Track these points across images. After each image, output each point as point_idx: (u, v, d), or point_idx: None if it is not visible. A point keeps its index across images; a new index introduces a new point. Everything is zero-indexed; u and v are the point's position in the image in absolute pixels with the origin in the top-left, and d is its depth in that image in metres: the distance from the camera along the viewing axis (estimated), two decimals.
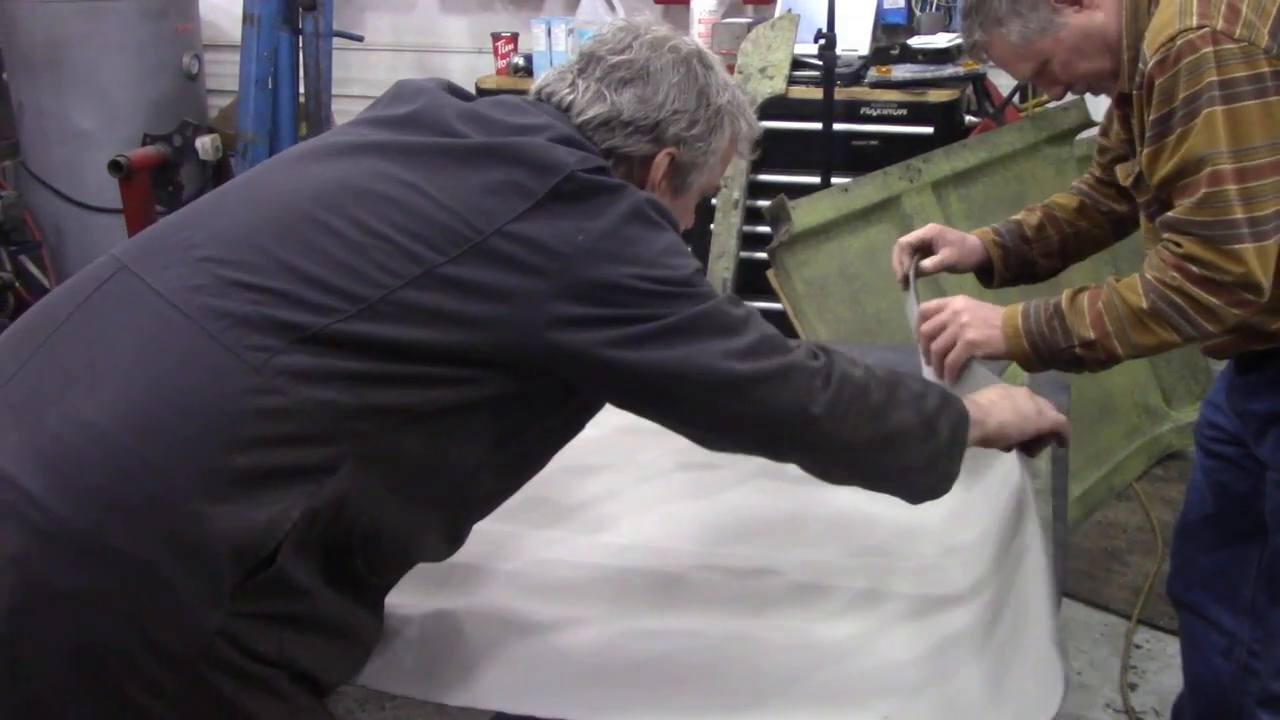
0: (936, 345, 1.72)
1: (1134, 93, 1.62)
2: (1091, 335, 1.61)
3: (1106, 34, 1.64)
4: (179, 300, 1.19)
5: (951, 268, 1.97)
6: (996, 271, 1.98)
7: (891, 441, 1.36)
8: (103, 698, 1.13)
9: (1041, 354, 1.65)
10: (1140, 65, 1.58)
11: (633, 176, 1.42)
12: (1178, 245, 1.55)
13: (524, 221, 1.25)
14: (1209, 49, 1.50)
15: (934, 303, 1.74)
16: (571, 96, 1.40)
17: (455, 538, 1.41)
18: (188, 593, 1.12)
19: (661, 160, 1.42)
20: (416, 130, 1.34)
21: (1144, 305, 1.57)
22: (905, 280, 1.94)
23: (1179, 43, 1.52)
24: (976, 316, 1.70)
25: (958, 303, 1.72)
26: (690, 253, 1.35)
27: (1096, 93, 1.75)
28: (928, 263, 1.96)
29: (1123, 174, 1.78)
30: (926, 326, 1.73)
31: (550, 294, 1.23)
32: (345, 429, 1.18)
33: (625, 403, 1.33)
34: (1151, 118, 1.57)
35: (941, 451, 1.40)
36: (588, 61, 1.43)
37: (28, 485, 1.11)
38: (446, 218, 1.25)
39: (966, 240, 1.97)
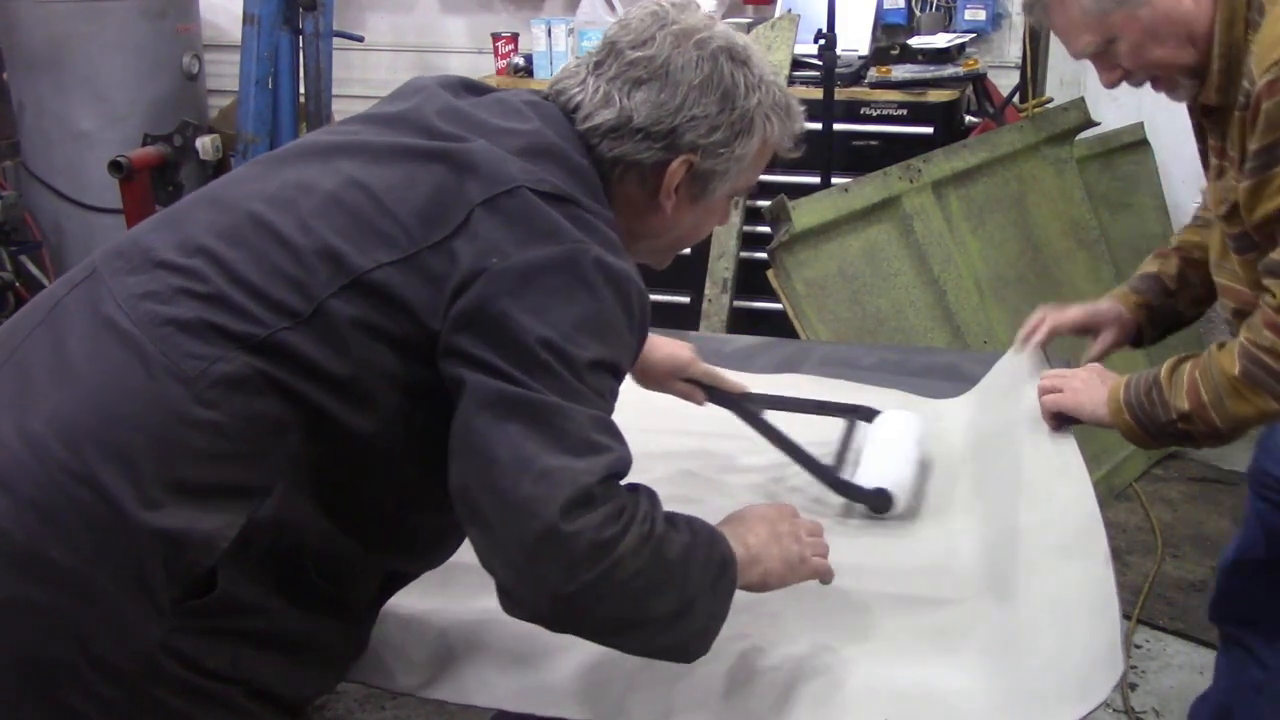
0: (1044, 383, 1.68)
1: (1237, 114, 1.46)
2: (1185, 406, 1.49)
3: (1191, 25, 1.47)
4: (128, 307, 1.16)
5: (1115, 348, 1.84)
6: (1145, 334, 1.85)
7: (635, 629, 1.20)
8: (50, 709, 1.11)
9: (1147, 429, 1.55)
10: (1245, 84, 1.43)
11: (646, 184, 1.32)
12: (1273, 296, 1.41)
13: (457, 236, 1.17)
14: None
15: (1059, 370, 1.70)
16: (580, 97, 1.30)
17: (419, 557, 1.36)
18: (124, 607, 1.10)
19: (677, 168, 1.31)
20: (399, 130, 1.27)
21: (1235, 371, 1.44)
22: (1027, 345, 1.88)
23: None
24: (1091, 381, 1.63)
25: (1083, 369, 1.67)
26: (614, 333, 1.20)
27: (1158, 87, 1.57)
28: (1094, 352, 1.84)
29: (1214, 199, 1.59)
30: (1045, 382, 1.69)
31: (448, 315, 1.15)
32: (278, 448, 1.15)
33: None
34: (1255, 146, 1.42)
35: (693, 633, 1.24)
36: (606, 54, 1.32)
37: None
38: (387, 224, 1.18)
39: (1117, 313, 1.83)
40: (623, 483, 1.17)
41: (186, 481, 1.12)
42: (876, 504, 1.71)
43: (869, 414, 1.92)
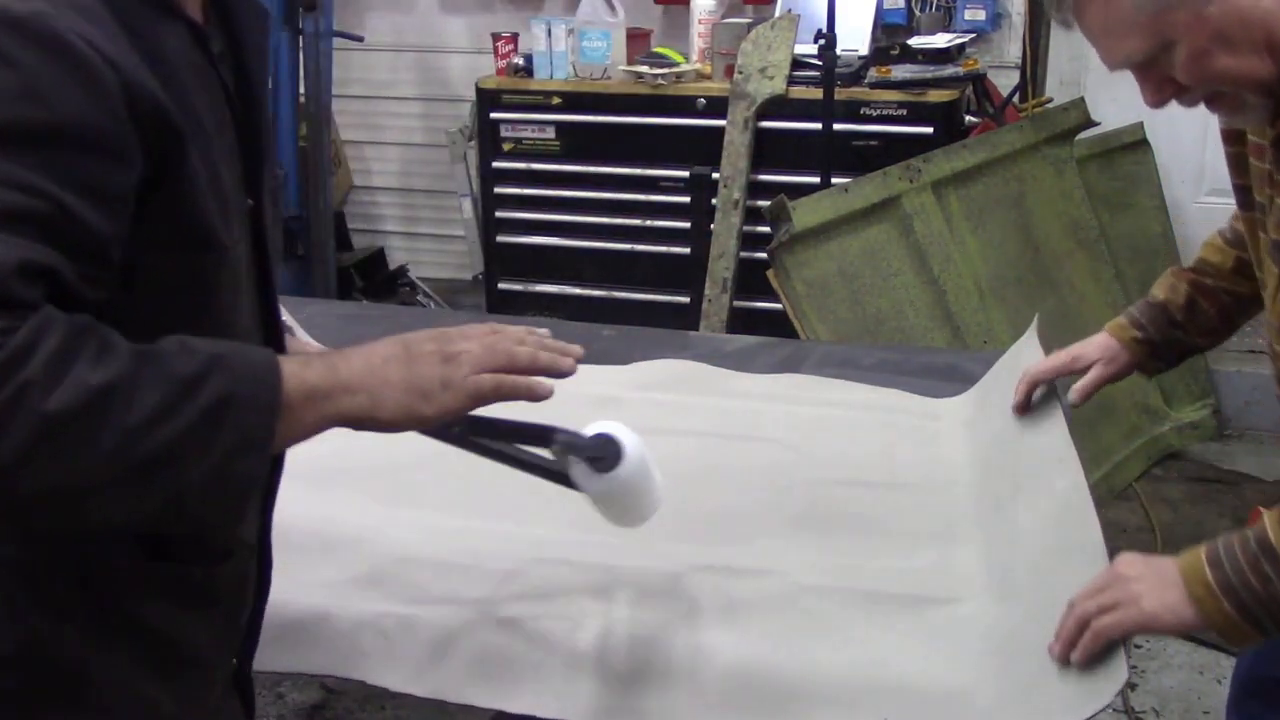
0: (1086, 607, 1.25)
1: None
2: None
3: (1272, 28, 1.15)
4: None
5: (1107, 383, 1.67)
6: (1147, 366, 1.67)
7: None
8: None
9: (1256, 617, 1.18)
10: None
11: None
12: None
13: None
14: None
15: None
16: None
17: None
18: None
19: None
20: None
21: None
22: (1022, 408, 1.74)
23: None
24: (1146, 577, 1.25)
25: (1123, 564, 1.28)
26: (51, 97, 0.88)
27: (1217, 107, 1.25)
28: (1078, 389, 1.68)
29: None
30: (1086, 603, 1.26)
31: None
32: None
33: None
34: None
35: (179, 494, 0.90)
36: None
37: None
38: None
39: (1107, 348, 1.65)
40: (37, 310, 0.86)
41: None
42: (601, 452, 1.24)
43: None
